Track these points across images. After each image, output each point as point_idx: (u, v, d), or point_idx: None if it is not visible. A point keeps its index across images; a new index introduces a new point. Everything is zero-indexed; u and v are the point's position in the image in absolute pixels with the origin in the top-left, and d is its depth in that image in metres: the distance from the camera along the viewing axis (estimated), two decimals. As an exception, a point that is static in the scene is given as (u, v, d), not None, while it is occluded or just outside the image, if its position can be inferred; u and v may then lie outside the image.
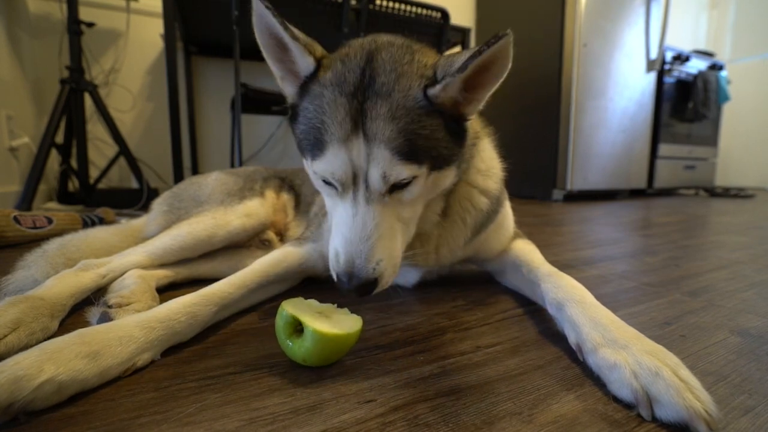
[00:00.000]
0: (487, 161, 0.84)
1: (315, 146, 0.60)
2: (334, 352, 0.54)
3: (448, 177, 0.67)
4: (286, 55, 0.65)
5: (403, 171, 0.58)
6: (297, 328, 0.55)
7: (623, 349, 0.51)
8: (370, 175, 0.58)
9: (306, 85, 0.64)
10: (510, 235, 0.92)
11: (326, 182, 0.63)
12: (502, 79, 0.61)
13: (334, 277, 0.61)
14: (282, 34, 0.61)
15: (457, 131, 0.64)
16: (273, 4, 0.61)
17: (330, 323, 0.54)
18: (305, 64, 0.64)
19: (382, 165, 0.57)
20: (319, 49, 0.66)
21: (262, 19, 0.62)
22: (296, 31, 0.63)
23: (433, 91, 0.58)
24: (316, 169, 0.62)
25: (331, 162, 0.59)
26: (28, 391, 0.42)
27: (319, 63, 0.63)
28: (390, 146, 0.57)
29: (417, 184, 0.61)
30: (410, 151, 0.58)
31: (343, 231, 0.60)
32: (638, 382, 0.47)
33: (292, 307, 0.56)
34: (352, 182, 0.60)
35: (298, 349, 0.53)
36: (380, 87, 0.58)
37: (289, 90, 0.69)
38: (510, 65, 0.59)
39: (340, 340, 0.53)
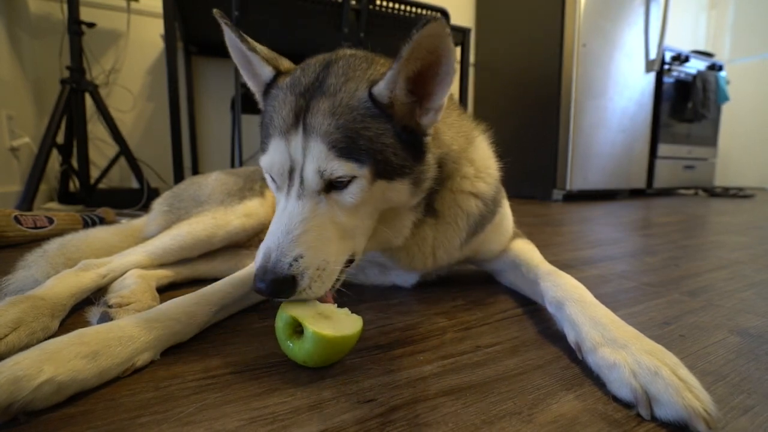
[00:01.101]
0: (479, 162, 0.81)
1: (264, 142, 0.62)
2: (334, 353, 0.54)
3: (400, 191, 0.63)
4: (251, 65, 0.71)
5: (339, 167, 0.56)
6: (297, 329, 0.54)
7: (622, 349, 0.51)
8: (305, 168, 0.57)
9: (267, 90, 0.69)
10: (509, 236, 0.92)
11: (272, 178, 0.62)
12: (450, 84, 0.59)
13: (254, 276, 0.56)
14: (241, 46, 0.67)
15: (412, 143, 0.62)
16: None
17: (330, 324, 0.54)
18: (265, 72, 0.69)
19: (317, 158, 0.56)
20: (285, 64, 0.72)
21: (229, 37, 0.68)
22: (259, 46, 0.70)
23: (377, 88, 0.58)
24: (263, 164, 0.62)
25: (271, 155, 0.59)
26: (28, 392, 0.42)
27: (279, 72, 0.68)
28: (327, 140, 0.56)
29: (356, 186, 0.58)
30: (348, 147, 0.56)
31: (270, 226, 0.58)
32: (637, 381, 0.47)
33: (291, 308, 0.55)
34: (289, 177, 0.59)
35: (298, 350, 0.53)
36: (327, 87, 0.59)
37: (258, 97, 0.74)
38: (455, 67, 0.58)
39: (341, 341, 0.53)
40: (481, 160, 0.82)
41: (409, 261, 0.80)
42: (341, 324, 0.55)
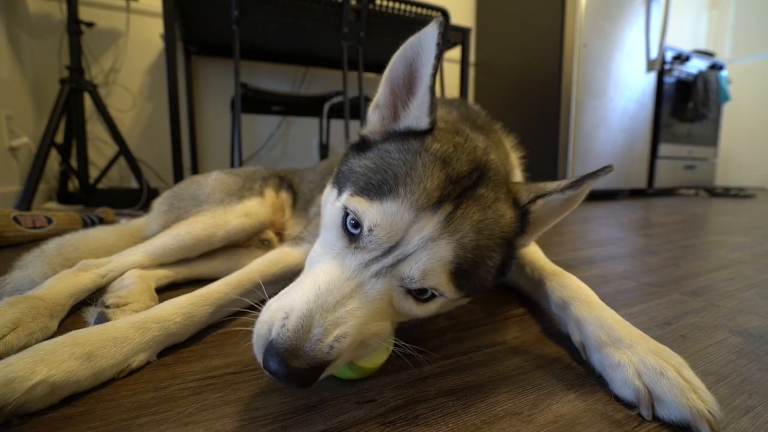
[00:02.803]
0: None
1: (375, 188, 0.50)
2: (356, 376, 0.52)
3: (460, 302, 0.61)
4: (406, 94, 0.58)
5: (439, 283, 0.48)
6: None
7: (628, 349, 0.51)
8: (413, 258, 0.47)
9: (405, 135, 0.56)
10: None
11: (353, 226, 0.50)
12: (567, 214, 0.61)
13: (257, 346, 0.44)
14: (426, 81, 0.52)
15: (505, 270, 0.59)
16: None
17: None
18: (419, 119, 0.56)
19: (433, 262, 0.47)
20: (438, 116, 0.58)
21: (417, 50, 0.53)
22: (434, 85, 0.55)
23: (539, 203, 0.57)
24: (362, 209, 0.49)
25: (385, 214, 0.47)
26: (20, 393, 0.42)
27: (432, 127, 0.56)
28: (457, 253, 0.48)
29: (437, 303, 0.52)
30: (466, 271, 0.49)
31: (319, 287, 0.46)
32: (641, 381, 0.47)
33: None
34: (385, 249, 0.48)
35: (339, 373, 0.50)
36: (480, 196, 0.52)
37: (375, 121, 0.61)
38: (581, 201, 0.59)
39: (370, 371, 0.51)
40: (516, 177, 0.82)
41: None
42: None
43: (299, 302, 0.44)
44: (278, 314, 0.44)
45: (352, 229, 0.50)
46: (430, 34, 0.51)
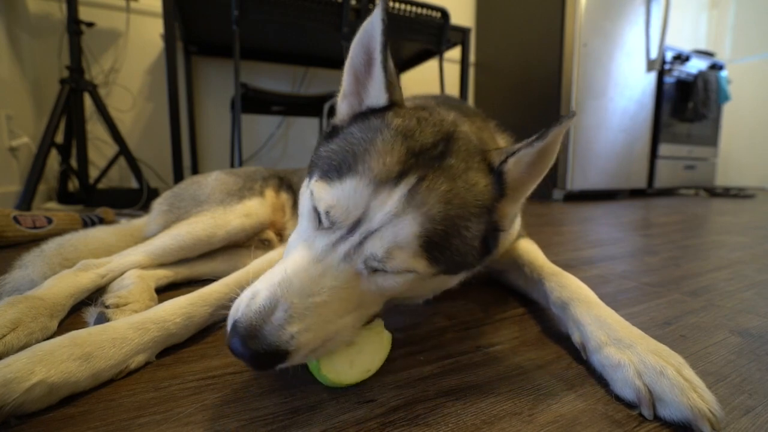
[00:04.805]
0: None
1: (335, 169, 0.50)
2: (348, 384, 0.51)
3: (454, 280, 0.61)
4: (365, 77, 0.58)
5: (409, 260, 0.47)
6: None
7: (628, 348, 0.51)
8: (375, 236, 0.46)
9: (366, 115, 0.56)
10: (513, 239, 0.92)
11: (316, 211, 0.51)
12: (545, 174, 0.56)
13: (228, 327, 0.44)
14: (377, 56, 0.53)
15: (490, 241, 0.56)
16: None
17: (350, 354, 0.49)
18: (377, 97, 0.56)
19: (398, 238, 0.46)
20: (399, 93, 0.58)
21: (369, 31, 0.55)
22: (391, 62, 0.56)
23: (507, 166, 0.53)
24: (320, 192, 0.50)
25: (342, 192, 0.47)
26: (18, 394, 0.42)
27: (391, 104, 0.56)
28: (424, 226, 0.46)
29: (409, 277, 0.50)
30: (438, 244, 0.48)
31: (285, 268, 0.46)
32: (642, 380, 0.47)
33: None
34: (347, 228, 0.47)
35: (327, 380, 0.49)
36: (449, 167, 0.50)
37: (344, 110, 0.62)
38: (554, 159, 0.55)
39: (352, 379, 0.50)
40: None
41: None
42: (363, 352, 0.51)
43: (266, 285, 0.45)
44: (246, 296, 0.45)
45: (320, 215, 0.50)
46: (376, 13, 0.52)
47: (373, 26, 0.54)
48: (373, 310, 0.54)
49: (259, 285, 0.46)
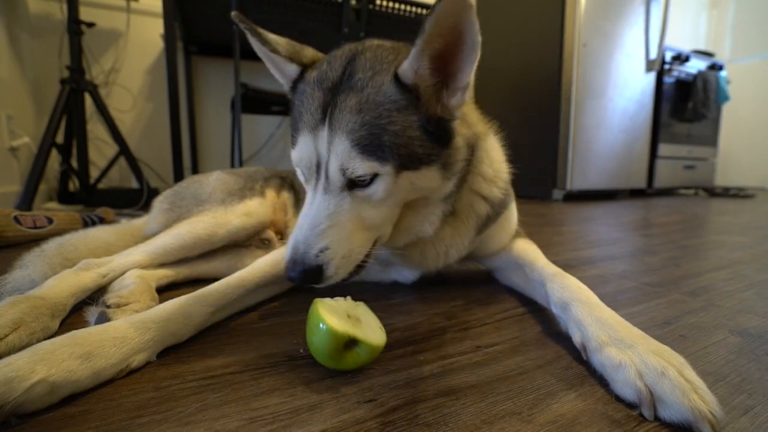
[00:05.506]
0: (495, 165, 0.82)
1: (293, 136, 0.64)
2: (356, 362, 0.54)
3: (428, 178, 0.64)
4: (276, 63, 0.72)
5: (360, 166, 0.57)
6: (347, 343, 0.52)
7: (629, 349, 0.51)
8: (329, 165, 0.59)
9: (295, 84, 0.69)
10: (511, 234, 0.92)
11: (301, 171, 0.65)
12: (476, 59, 0.58)
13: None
14: (263, 49, 0.68)
15: (438, 132, 0.62)
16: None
17: (364, 327, 0.54)
18: (290, 69, 0.70)
19: (340, 156, 0.57)
20: (308, 55, 0.71)
21: (252, 41, 0.69)
22: (280, 43, 0.70)
23: (402, 69, 0.58)
24: (293, 157, 0.65)
25: (300, 149, 0.62)
26: (20, 393, 0.42)
27: (305, 66, 0.69)
28: (350, 137, 0.57)
29: (380, 184, 0.60)
30: (372, 145, 0.57)
31: (299, 219, 0.61)
32: (643, 381, 0.47)
33: (327, 316, 0.52)
34: (316, 172, 0.61)
35: (353, 360, 0.52)
36: (355, 82, 0.59)
37: (287, 88, 0.74)
38: (480, 40, 0.56)
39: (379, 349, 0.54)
40: (498, 162, 0.83)
41: (422, 260, 0.81)
42: (371, 325, 0.55)
43: (293, 235, 0.60)
44: (288, 243, 0.61)
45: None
46: (242, 28, 0.69)
47: (252, 42, 0.69)
48: (382, 228, 0.66)
49: (291, 236, 0.61)
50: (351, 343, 0.52)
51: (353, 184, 0.60)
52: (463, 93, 0.62)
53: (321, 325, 0.51)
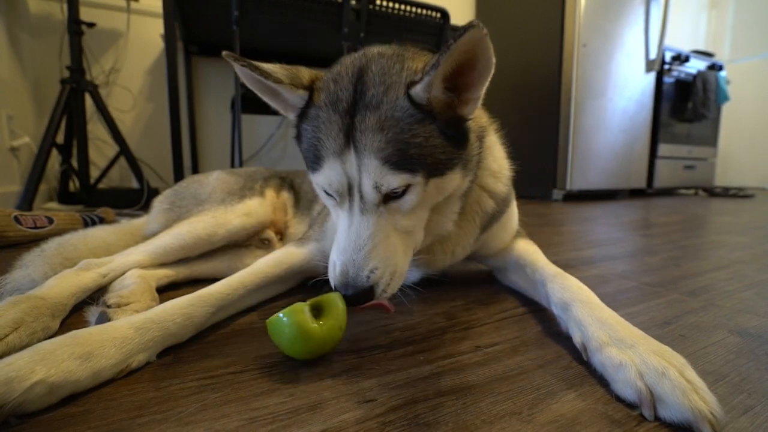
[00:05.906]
0: (498, 161, 0.84)
1: (314, 161, 0.63)
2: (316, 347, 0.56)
3: (453, 180, 0.66)
4: (278, 95, 0.69)
5: (394, 180, 0.58)
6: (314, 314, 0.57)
7: (630, 349, 0.51)
8: (362, 185, 0.59)
9: (304, 110, 0.67)
10: (512, 233, 0.92)
11: (327, 193, 0.64)
12: (489, 76, 0.61)
13: (333, 287, 0.62)
14: (266, 83, 0.65)
15: (456, 135, 0.63)
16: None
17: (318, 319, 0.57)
18: (296, 98, 0.67)
19: (373, 175, 0.58)
20: (306, 76, 0.68)
21: (245, 73, 0.66)
22: (278, 71, 0.66)
23: (414, 92, 0.58)
24: (317, 181, 0.64)
25: (327, 174, 0.61)
26: (19, 393, 0.42)
27: (311, 89, 0.66)
28: (379, 156, 0.57)
29: (413, 193, 0.61)
30: (401, 160, 0.57)
31: (339, 241, 0.61)
32: (643, 381, 0.47)
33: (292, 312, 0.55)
34: (348, 193, 0.61)
35: (328, 330, 0.56)
36: (370, 100, 0.59)
37: (291, 117, 0.71)
38: (494, 60, 0.58)
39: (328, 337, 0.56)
40: (500, 159, 0.85)
41: (430, 260, 0.81)
42: (329, 321, 0.57)
43: (335, 256, 0.61)
44: (330, 268, 0.62)
45: (330, 194, 0.64)
46: (235, 66, 0.66)
47: (243, 73, 0.67)
48: (416, 235, 0.67)
49: (333, 256, 0.62)
50: (315, 314, 0.56)
51: (388, 198, 0.61)
52: (476, 102, 0.64)
53: (280, 315, 0.55)
